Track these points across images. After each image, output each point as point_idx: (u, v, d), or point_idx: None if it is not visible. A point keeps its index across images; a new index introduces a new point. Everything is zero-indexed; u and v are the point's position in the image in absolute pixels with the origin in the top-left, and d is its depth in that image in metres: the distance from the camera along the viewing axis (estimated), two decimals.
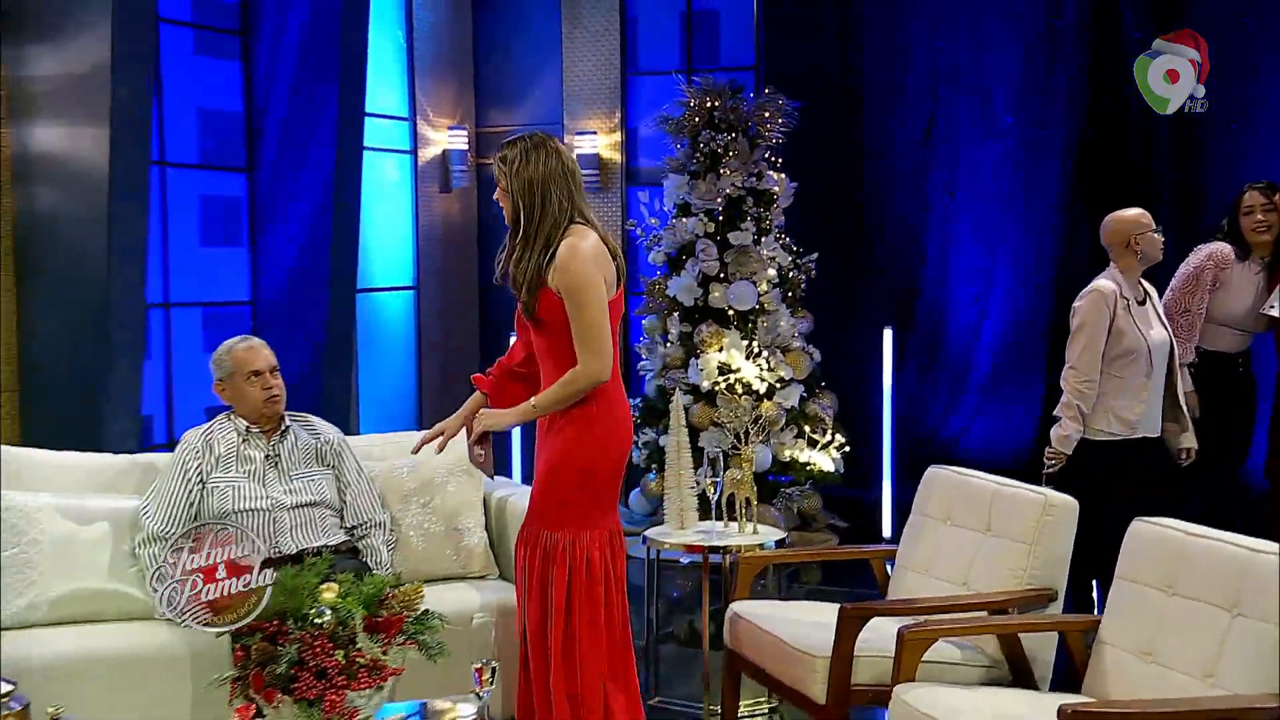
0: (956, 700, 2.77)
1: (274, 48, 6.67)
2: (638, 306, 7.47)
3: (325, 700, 2.48)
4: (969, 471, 3.66)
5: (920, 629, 2.91)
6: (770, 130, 6.80)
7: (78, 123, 5.26)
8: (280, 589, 2.60)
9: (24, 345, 5.43)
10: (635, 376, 7.58)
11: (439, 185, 8.01)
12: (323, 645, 2.51)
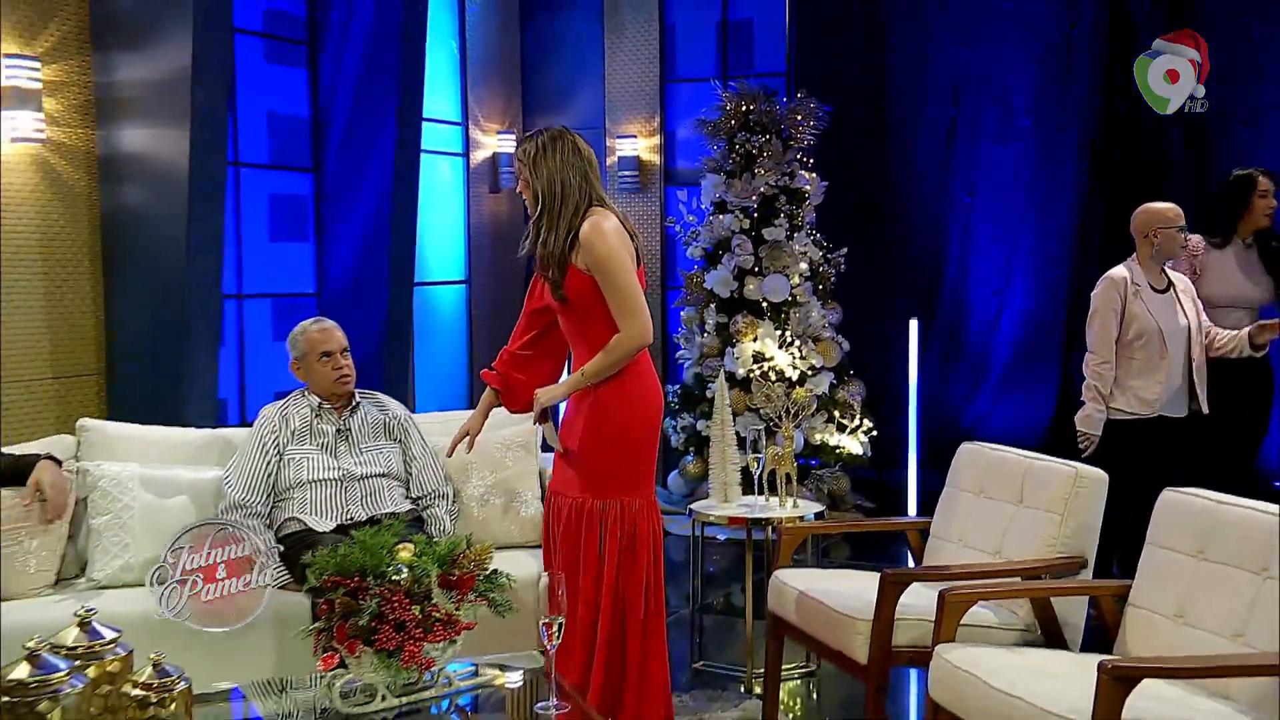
0: (995, 659, 2.74)
1: (338, 57, 6.69)
2: (676, 299, 7.47)
3: (404, 651, 2.48)
4: (1000, 447, 3.63)
5: (960, 592, 2.88)
6: (802, 132, 6.78)
7: (160, 125, 5.28)
8: (360, 548, 2.59)
9: (110, 332, 5.47)
10: (673, 365, 7.57)
11: (489, 186, 8.03)
12: (400, 600, 2.51)
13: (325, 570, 2.59)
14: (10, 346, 5.09)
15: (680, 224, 7.05)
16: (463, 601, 2.57)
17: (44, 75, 5.05)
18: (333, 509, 3.75)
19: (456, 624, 2.54)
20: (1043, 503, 3.28)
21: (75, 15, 5.26)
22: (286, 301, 6.70)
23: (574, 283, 3.23)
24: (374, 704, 2.56)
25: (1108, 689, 2.29)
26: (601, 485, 3.27)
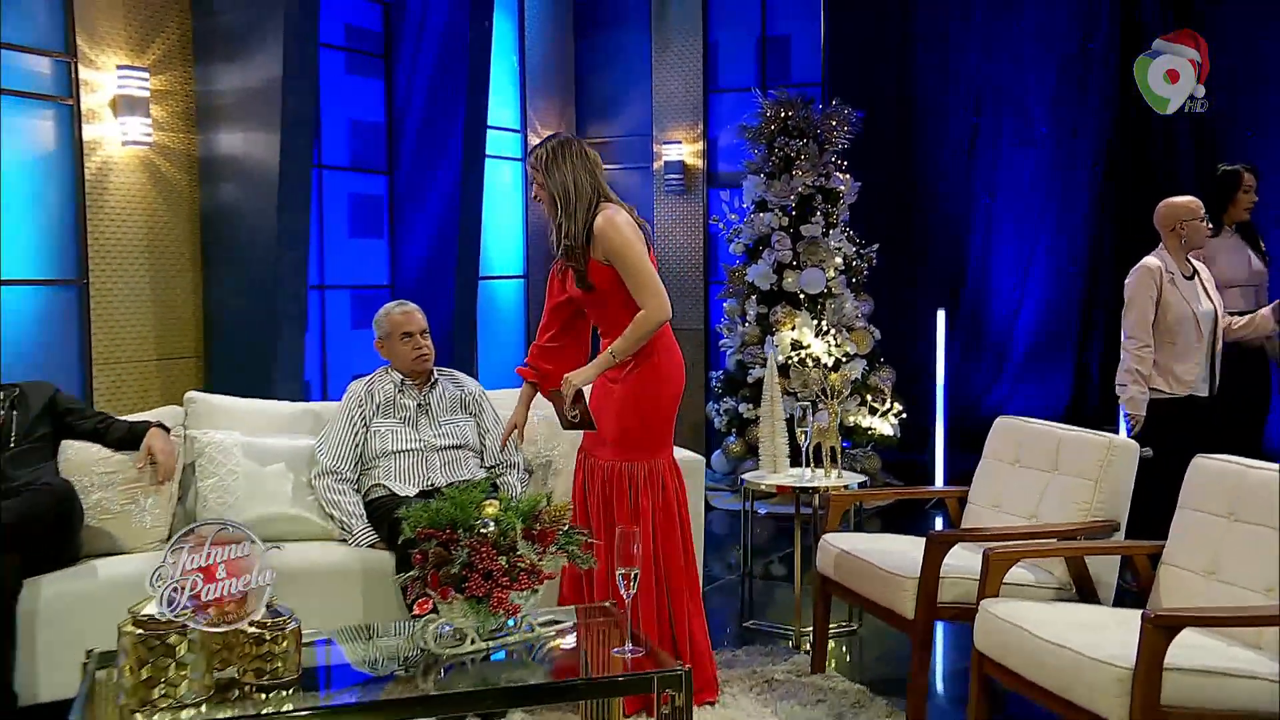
0: (1038, 612, 2.70)
1: (411, 69, 6.71)
2: (718, 292, 7.45)
3: (492, 597, 2.48)
4: (1035, 420, 3.58)
5: (1004, 550, 2.85)
6: (837, 137, 6.74)
7: (253, 130, 5.32)
8: (451, 503, 2.59)
9: (207, 318, 5.53)
10: (717, 353, 7.55)
11: None
12: (487, 551, 2.50)
13: (419, 523, 2.58)
14: (121, 330, 5.15)
15: (724, 222, 7.03)
16: (545, 553, 2.56)
17: (152, 85, 5.10)
18: (415, 476, 3.76)
19: (539, 574, 2.53)
20: (1077, 470, 3.23)
21: (179, 30, 5.30)
22: (363, 292, 6.72)
23: (596, 273, 3.28)
24: (464, 646, 2.56)
25: (1151, 637, 2.25)
26: (636, 450, 3.33)
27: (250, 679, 2.37)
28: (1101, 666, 2.35)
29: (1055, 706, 2.53)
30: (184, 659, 2.29)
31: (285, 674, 2.38)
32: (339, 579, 3.51)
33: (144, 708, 2.26)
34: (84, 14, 4.89)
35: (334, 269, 6.46)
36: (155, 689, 2.27)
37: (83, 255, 4.98)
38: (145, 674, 2.26)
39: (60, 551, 3.32)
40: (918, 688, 3.10)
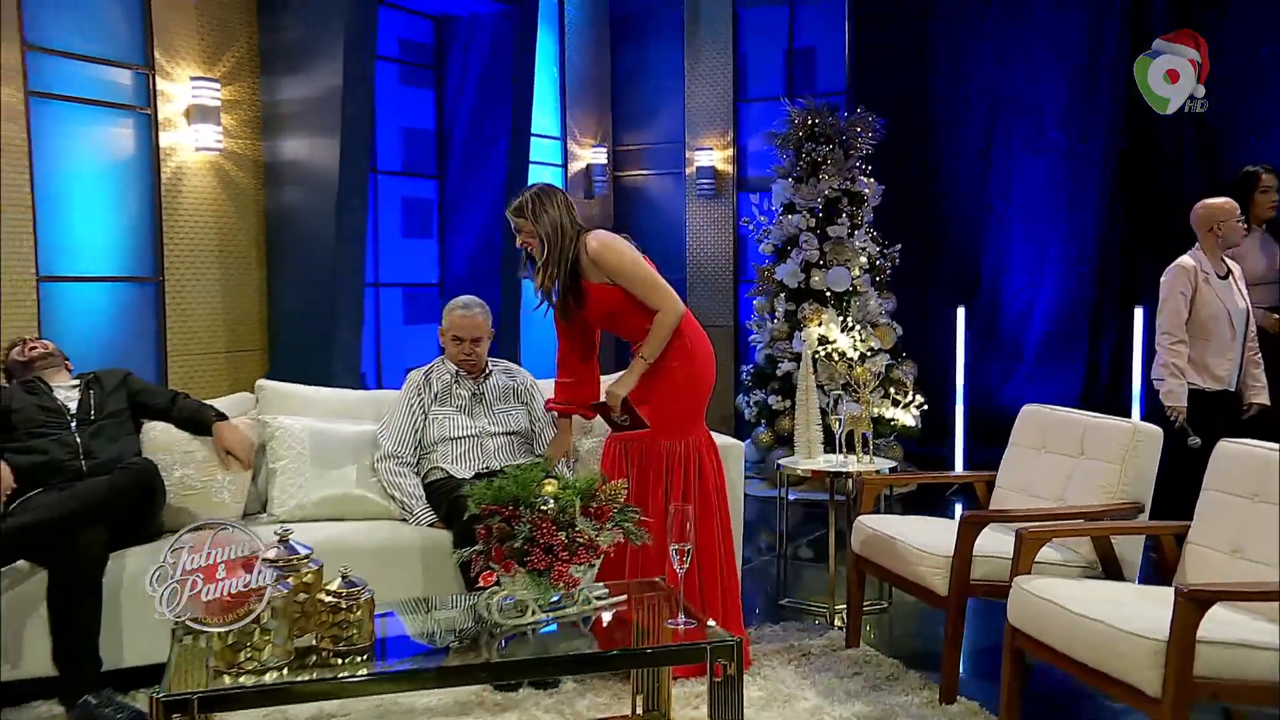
0: (1070, 589, 2.67)
1: (460, 80, 6.73)
2: (747, 290, 7.42)
3: (553, 570, 2.47)
4: (1060, 408, 3.54)
5: (1037, 530, 2.81)
6: (861, 143, 6.69)
7: (315, 137, 5.36)
8: (513, 481, 2.58)
9: (271, 313, 5.56)
10: (747, 347, 7.52)
11: (584, 193, 8.02)
12: (548, 527, 2.50)
13: (483, 500, 2.58)
14: (194, 324, 5.19)
15: (753, 224, 7.00)
16: (602, 529, 2.55)
17: (222, 95, 5.14)
18: (471, 460, 3.76)
19: (597, 549, 2.53)
20: (1103, 455, 3.19)
21: (247, 44, 5.34)
22: (414, 290, 6.75)
23: (602, 295, 3.36)
24: (525, 617, 2.55)
25: (1185, 611, 2.22)
26: (671, 428, 3.36)
27: (327, 645, 2.38)
28: (1136, 639, 2.32)
29: (1087, 678, 2.50)
30: (267, 625, 2.30)
31: (359, 641, 2.39)
32: (400, 556, 3.52)
33: (231, 670, 2.27)
34: (161, 30, 4.93)
35: (387, 267, 6.49)
36: (241, 653, 2.28)
37: (159, 254, 5.02)
38: (232, 639, 2.28)
39: (144, 527, 3.36)
40: (950, 660, 3.08)
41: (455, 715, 3.08)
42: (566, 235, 3.35)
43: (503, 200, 6.65)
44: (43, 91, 4.50)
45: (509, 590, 2.55)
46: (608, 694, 3.19)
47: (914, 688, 3.22)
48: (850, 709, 3.05)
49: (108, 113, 4.81)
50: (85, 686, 3.00)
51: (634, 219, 8.25)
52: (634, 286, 3.32)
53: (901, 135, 7.08)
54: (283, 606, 2.33)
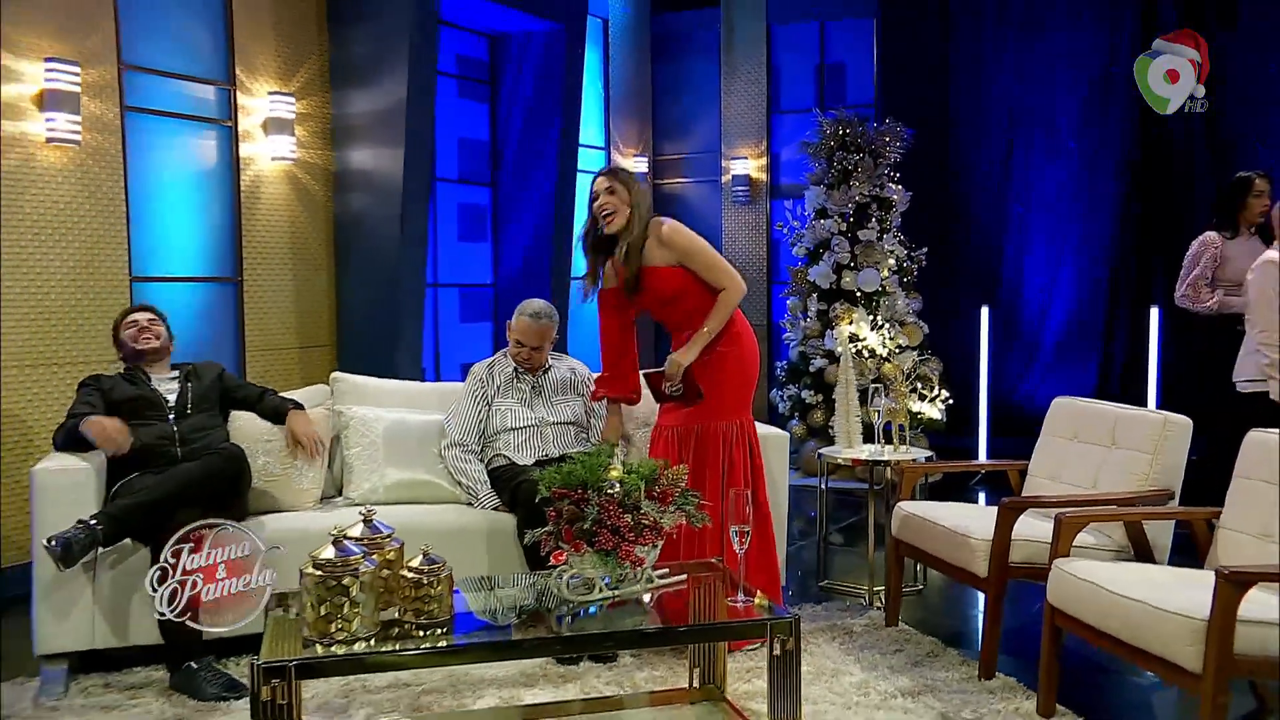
0: (1109, 571, 2.63)
1: (513, 94, 6.75)
2: (780, 290, 7.39)
3: (620, 550, 2.47)
4: (1091, 400, 3.50)
5: (1076, 514, 2.78)
6: (890, 151, 6.64)
7: (380, 147, 5.38)
8: (581, 466, 2.58)
9: (338, 311, 5.60)
10: (780, 345, 7.49)
11: None
12: (614, 509, 2.50)
13: (553, 484, 2.59)
14: (269, 321, 5.24)
15: (787, 228, 6.97)
16: (665, 512, 2.55)
17: (296, 108, 5.18)
18: (531, 448, 3.77)
19: (660, 530, 2.52)
20: (1134, 444, 3.15)
21: (319, 61, 5.38)
22: (470, 290, 6.78)
23: (667, 278, 3.36)
24: (592, 594, 2.56)
25: (1226, 592, 2.19)
26: (730, 410, 3.39)
27: (409, 618, 2.39)
28: (1177, 618, 2.28)
29: (1126, 654, 2.46)
30: (356, 598, 2.31)
31: (440, 615, 2.40)
32: (466, 537, 3.53)
33: (323, 640, 2.29)
34: (242, 48, 4.98)
35: (445, 269, 6.52)
36: (332, 624, 2.30)
37: (238, 256, 5.07)
38: (324, 610, 2.29)
39: (232, 508, 3.38)
40: (990, 639, 3.05)
41: (521, 686, 3.09)
42: (646, 217, 3.39)
43: (552, 206, 6.67)
44: (136, 106, 4.56)
45: (577, 569, 2.56)
46: (664, 668, 3.19)
47: (953, 664, 3.20)
48: (894, 683, 3.03)
49: (194, 126, 4.86)
50: (187, 654, 3.04)
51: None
52: (706, 267, 3.35)
53: (927, 144, 7.03)
54: (370, 581, 2.34)
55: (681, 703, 2.84)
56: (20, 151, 4.07)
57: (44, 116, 4.08)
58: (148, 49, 4.59)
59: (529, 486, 3.46)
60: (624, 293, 3.43)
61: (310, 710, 2.91)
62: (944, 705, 2.87)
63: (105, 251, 4.38)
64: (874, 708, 2.87)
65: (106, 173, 4.37)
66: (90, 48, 4.29)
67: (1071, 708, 2.82)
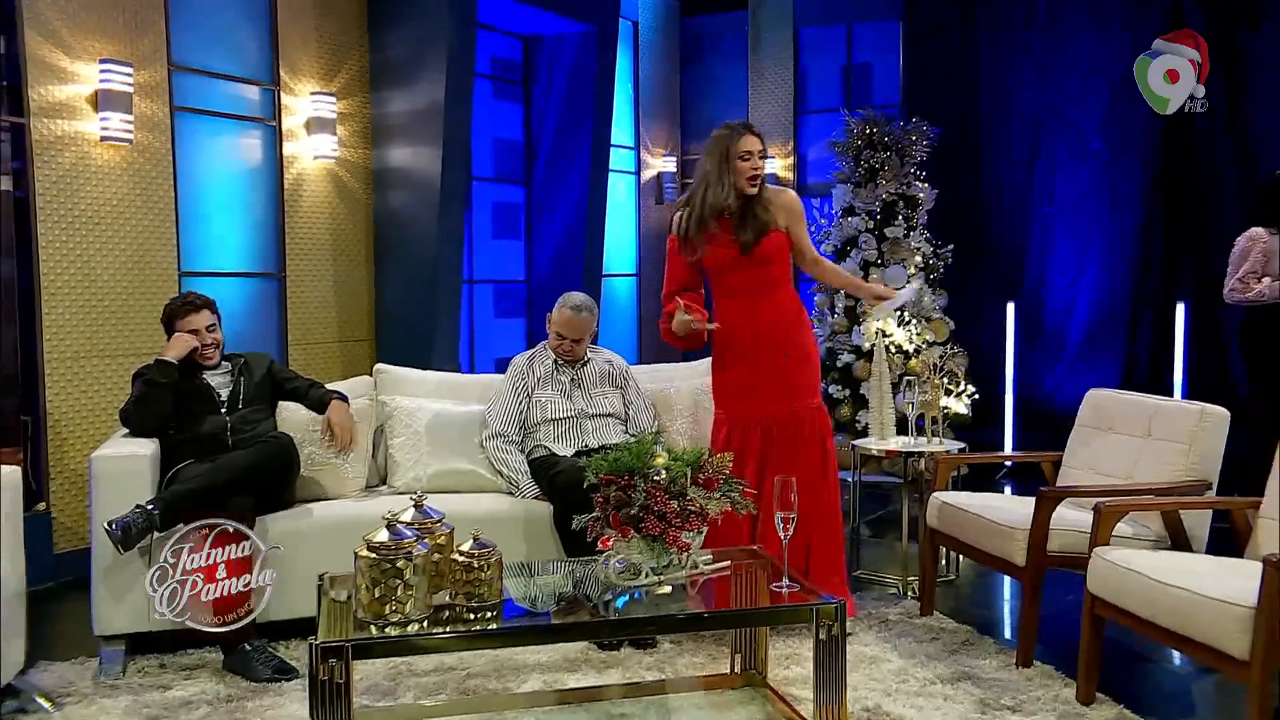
0: (1151, 560, 2.60)
1: (546, 95, 6.75)
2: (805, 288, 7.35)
3: (667, 535, 2.46)
4: (1126, 392, 3.45)
5: (1116, 503, 2.74)
6: (916, 150, 6.60)
7: (419, 146, 5.39)
8: (628, 454, 2.57)
9: (377, 306, 5.61)
10: None
11: (654, 199, 8.01)
12: (661, 495, 2.49)
13: (600, 470, 2.58)
14: (311, 315, 5.27)
15: (814, 225, 6.94)
16: (710, 498, 2.54)
17: (337, 108, 5.20)
18: (571, 439, 3.76)
19: (706, 515, 2.51)
20: (1171, 435, 3.10)
21: (359, 62, 5.40)
22: (503, 286, 6.78)
23: (779, 238, 3.35)
24: (639, 580, 2.55)
25: (1273, 579, 2.15)
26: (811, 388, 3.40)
27: (461, 601, 2.39)
28: (1224, 606, 2.24)
29: (1170, 642, 2.43)
30: (410, 580, 2.31)
31: (490, 598, 2.40)
32: (504, 525, 3.52)
33: (377, 621, 2.29)
34: (286, 50, 5.00)
35: (480, 266, 6.52)
36: (386, 606, 2.30)
37: (281, 252, 5.10)
38: (378, 593, 2.29)
39: (282, 495, 3.41)
40: (1028, 627, 3.01)
41: (563, 671, 3.08)
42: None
43: (584, 205, 6.66)
44: (185, 106, 4.59)
45: (624, 554, 2.55)
46: (703, 655, 3.17)
47: (989, 652, 3.16)
48: (933, 671, 3.00)
49: (239, 125, 4.89)
50: (242, 635, 3.05)
51: None
52: (803, 231, 3.42)
53: (953, 144, 6.98)
54: (422, 564, 2.34)
55: (724, 688, 2.83)
56: (75, 150, 4.11)
57: (98, 116, 4.12)
58: (196, 50, 4.62)
59: (564, 476, 3.47)
60: (740, 252, 3.31)
61: (359, 692, 2.92)
62: (983, 692, 2.84)
63: (155, 247, 4.42)
64: (913, 694, 2.85)
65: (157, 170, 4.41)
66: (142, 49, 4.32)
67: (1110, 695, 2.79)
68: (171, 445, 3.26)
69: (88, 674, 3.08)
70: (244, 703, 2.88)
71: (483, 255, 6.54)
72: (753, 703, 2.75)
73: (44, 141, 4.00)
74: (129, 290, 4.33)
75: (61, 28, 4.04)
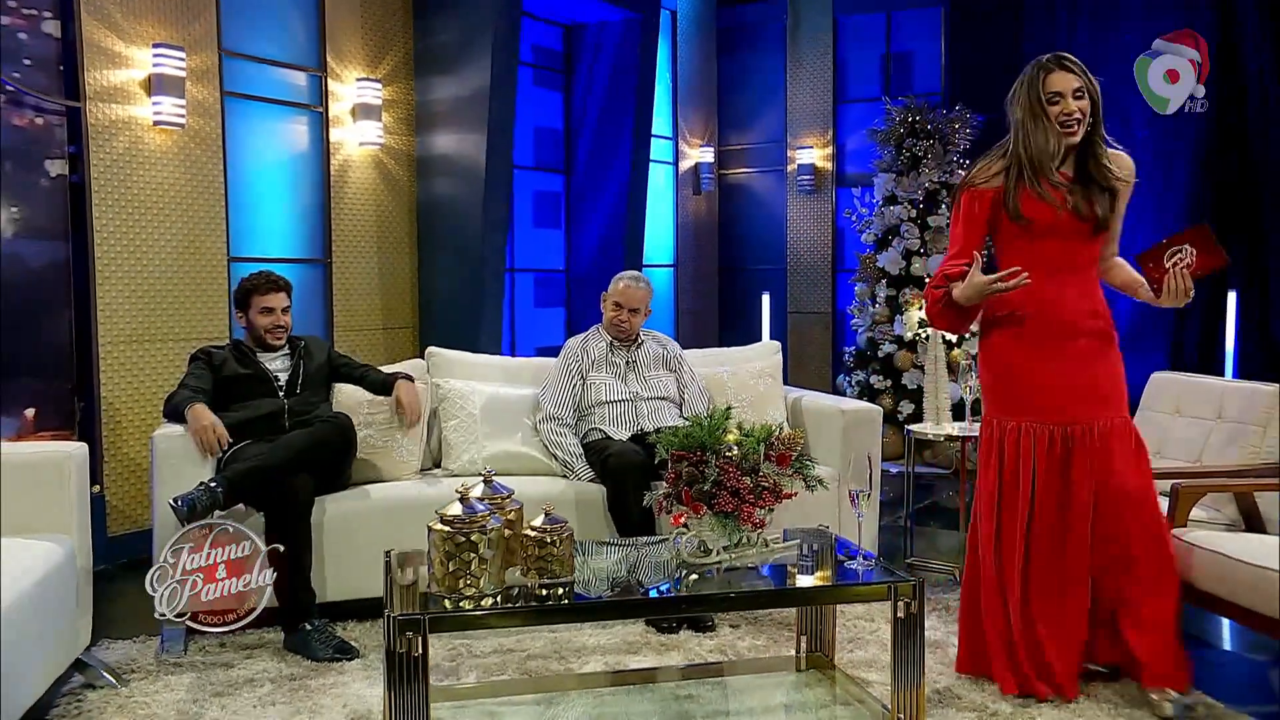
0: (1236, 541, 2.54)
1: (587, 84, 6.72)
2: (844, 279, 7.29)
3: (741, 511, 2.43)
4: (1194, 375, 3.38)
5: (1194, 484, 2.68)
6: (959, 138, 6.52)
7: (463, 133, 5.38)
8: (700, 429, 2.54)
9: (421, 292, 5.61)
10: (847, 331, 7.40)
11: (692, 189, 7.97)
12: (734, 472, 2.46)
13: (671, 446, 2.55)
14: (356, 302, 5.27)
15: (855, 215, 6.89)
16: (784, 474, 2.50)
17: (383, 94, 5.19)
18: (626, 422, 3.74)
19: (781, 492, 2.48)
20: (1244, 417, 3.04)
21: (404, 49, 5.39)
22: (544, 275, 6.77)
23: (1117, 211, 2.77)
24: (709, 558, 2.52)
25: None
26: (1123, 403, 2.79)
27: (533, 577, 2.37)
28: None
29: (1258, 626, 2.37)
30: (484, 555, 2.29)
31: (562, 574, 2.38)
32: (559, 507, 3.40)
33: (451, 595, 2.27)
34: (333, 36, 5.01)
35: (521, 254, 6.51)
36: (460, 581, 2.28)
37: (327, 239, 5.10)
38: (452, 567, 2.28)
39: (339, 476, 3.40)
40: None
41: (624, 653, 3.06)
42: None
43: (625, 195, 6.63)
44: (235, 91, 4.60)
45: (695, 531, 2.52)
46: (764, 638, 3.14)
47: None
48: None
49: (287, 110, 4.90)
50: (304, 616, 3.05)
51: (738, 213, 8.19)
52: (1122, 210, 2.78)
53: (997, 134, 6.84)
54: (496, 539, 2.32)
55: (790, 670, 2.79)
56: (129, 134, 4.12)
57: (151, 101, 4.13)
58: (245, 36, 4.63)
59: (615, 460, 3.45)
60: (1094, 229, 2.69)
61: None
62: None
63: (206, 231, 4.43)
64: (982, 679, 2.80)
65: (207, 155, 4.42)
66: (194, 34, 4.33)
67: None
68: (230, 426, 3.26)
69: (149, 652, 3.09)
70: (307, 681, 2.87)
71: (523, 244, 6.52)
72: (820, 684, 2.71)
73: (99, 126, 4.02)
74: (180, 275, 4.34)
75: (116, 12, 4.06)
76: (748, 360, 4.14)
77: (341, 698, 2.77)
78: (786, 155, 7.84)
